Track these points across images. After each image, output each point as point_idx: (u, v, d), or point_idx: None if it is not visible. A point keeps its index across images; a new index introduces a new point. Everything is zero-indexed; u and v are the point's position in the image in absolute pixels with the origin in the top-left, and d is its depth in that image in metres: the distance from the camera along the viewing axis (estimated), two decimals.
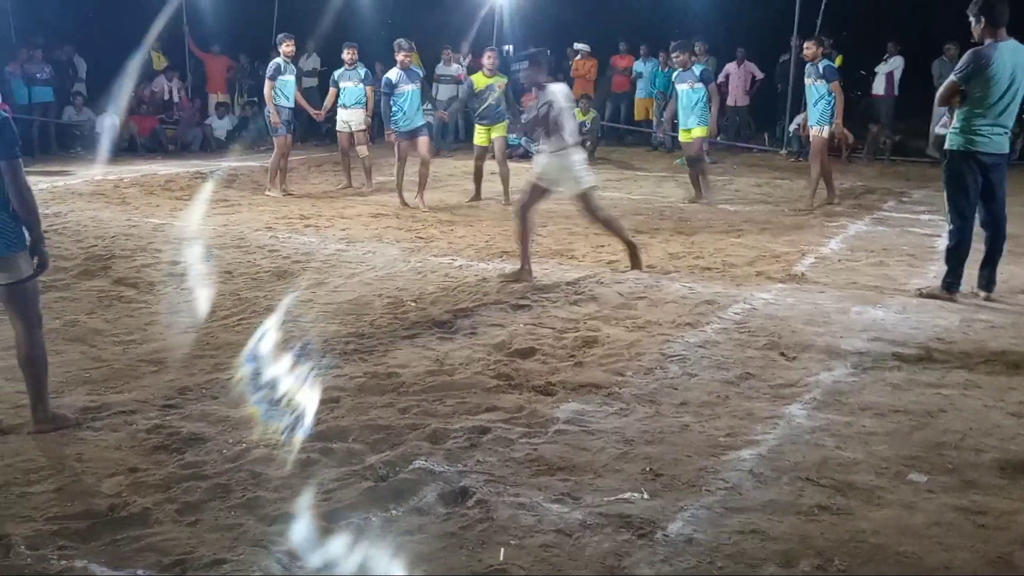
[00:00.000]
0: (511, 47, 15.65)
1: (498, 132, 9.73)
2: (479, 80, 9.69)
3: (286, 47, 9.96)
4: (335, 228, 8.21)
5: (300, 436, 3.57)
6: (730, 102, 14.68)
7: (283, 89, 9.99)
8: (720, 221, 8.66)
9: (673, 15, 15.42)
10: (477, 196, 9.86)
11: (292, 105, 10.18)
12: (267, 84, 9.99)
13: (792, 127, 13.87)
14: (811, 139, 9.55)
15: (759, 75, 14.84)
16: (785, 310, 5.46)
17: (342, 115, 10.63)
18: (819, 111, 9.23)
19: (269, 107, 10.00)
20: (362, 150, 10.62)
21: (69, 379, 4.29)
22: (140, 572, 2.65)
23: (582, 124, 14.39)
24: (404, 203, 9.34)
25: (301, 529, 2.87)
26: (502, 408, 3.90)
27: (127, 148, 14.18)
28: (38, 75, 13.69)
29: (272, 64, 9.99)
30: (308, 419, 3.72)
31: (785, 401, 4.01)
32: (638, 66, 15.47)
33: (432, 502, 3.05)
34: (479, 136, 9.91)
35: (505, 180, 9.69)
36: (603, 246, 7.38)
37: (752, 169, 12.87)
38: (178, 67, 16.15)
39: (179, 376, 4.33)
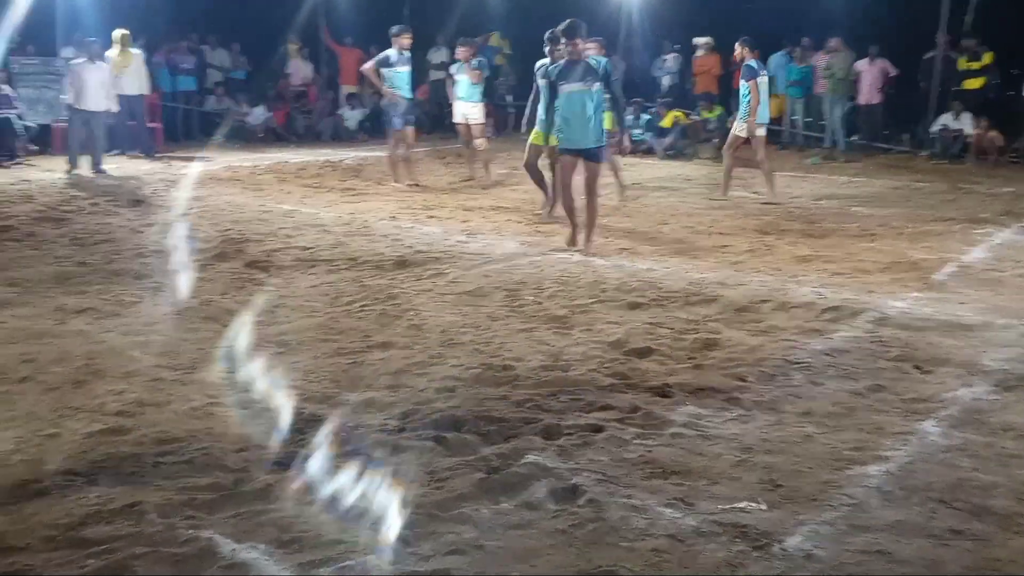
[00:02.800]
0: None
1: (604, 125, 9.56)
2: None
3: (404, 39, 10.05)
4: (456, 220, 8.31)
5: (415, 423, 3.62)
6: (861, 100, 14.03)
7: (396, 80, 10.05)
8: (853, 224, 8.30)
9: (808, 9, 14.82)
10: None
11: (410, 96, 10.30)
12: (368, 66, 10.13)
13: (935, 128, 13.17)
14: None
15: (892, 71, 14.11)
16: (921, 320, 5.17)
17: (459, 108, 10.71)
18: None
19: (382, 91, 10.15)
20: (480, 143, 10.69)
21: (202, 356, 4.49)
22: (260, 546, 2.74)
23: (706, 122, 14.09)
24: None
25: (412, 516, 2.90)
26: (616, 407, 3.85)
27: (262, 136, 14.79)
28: (183, 65, 14.44)
29: (383, 53, 10.08)
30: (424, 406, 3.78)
31: (918, 417, 3.79)
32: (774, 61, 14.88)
33: (543, 498, 3.03)
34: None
35: (615, 171, 9.55)
36: (727, 246, 7.20)
37: (891, 171, 12.27)
38: (313, 59, 16.71)
39: (303, 359, 4.47)
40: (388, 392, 4.01)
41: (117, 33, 11.90)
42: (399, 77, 10.08)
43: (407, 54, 10.15)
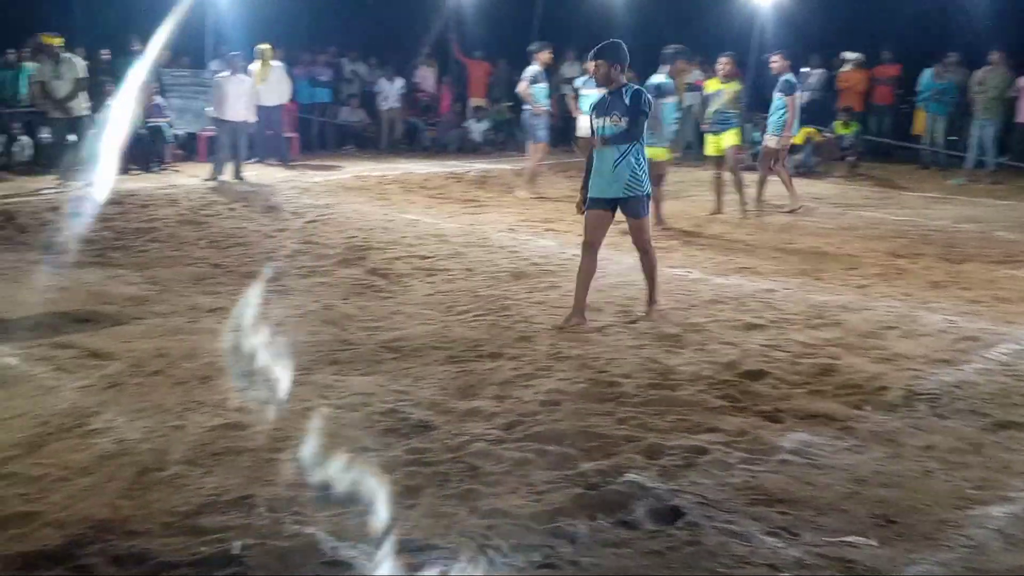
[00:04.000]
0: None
1: (729, 140, 9.39)
2: (710, 85, 9.49)
3: (544, 55, 10.23)
4: (574, 234, 8.29)
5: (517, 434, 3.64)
6: (1021, 119, 13.15)
7: (539, 95, 10.30)
8: (995, 250, 7.82)
9: (960, 22, 14.04)
10: (718, 209, 9.58)
11: (548, 109, 10.48)
12: (522, 84, 10.34)
13: None
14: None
15: None
16: None
17: (585, 122, 10.68)
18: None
19: (532, 108, 10.36)
20: None
21: (320, 358, 4.66)
22: (361, 545, 2.82)
23: (841, 138, 13.59)
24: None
25: (508, 527, 2.92)
26: (724, 430, 3.76)
27: (390, 147, 15.26)
28: (320, 77, 15.04)
29: (531, 70, 10.31)
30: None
31: None
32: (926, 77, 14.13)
33: (640, 517, 3.00)
34: (708, 146, 9.66)
35: (739, 187, 9.36)
36: (855, 268, 6.92)
37: None
38: (442, 71, 17.10)
39: (414, 365, 4.57)
40: (494, 402, 4.06)
41: (260, 47, 12.53)
42: (541, 92, 10.33)
43: (547, 71, 10.35)
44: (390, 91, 15.42)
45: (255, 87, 11.92)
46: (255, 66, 12.36)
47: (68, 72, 10.43)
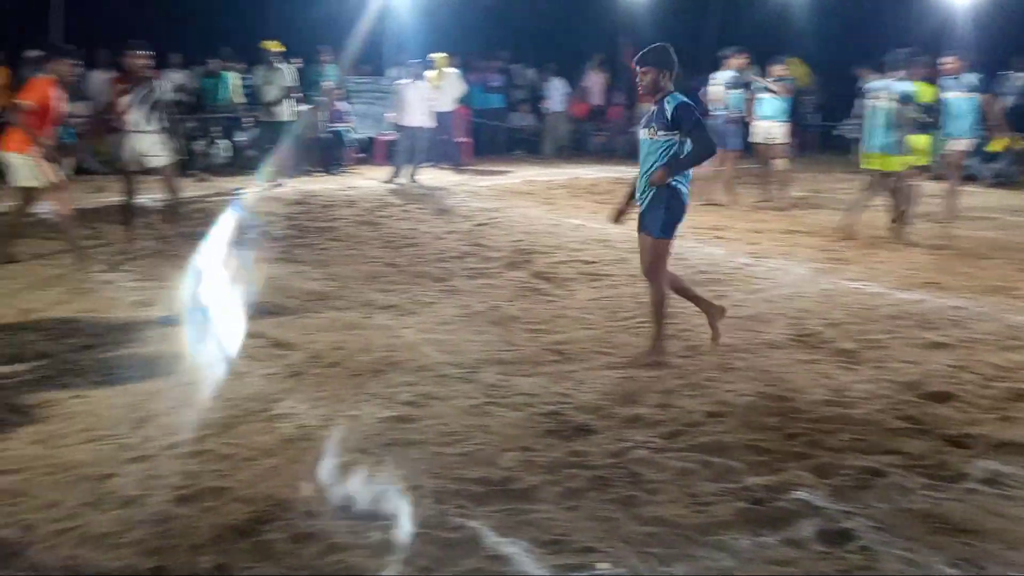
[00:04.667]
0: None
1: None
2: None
3: (739, 60, 10.04)
4: (743, 241, 8.10)
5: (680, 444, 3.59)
6: None
7: (733, 101, 10.08)
8: None
9: None
10: (899, 218, 9.02)
11: (743, 116, 10.25)
12: (715, 89, 10.17)
13: None
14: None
15: None
16: None
17: (761, 127, 10.38)
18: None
19: (726, 114, 10.18)
20: (780, 163, 10.33)
21: (485, 358, 4.77)
22: (521, 543, 2.86)
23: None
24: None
25: (669, 536, 2.88)
26: (904, 452, 3.55)
27: (557, 151, 15.40)
28: (492, 83, 15.39)
29: (725, 75, 10.19)
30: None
31: None
32: None
33: (809, 537, 2.88)
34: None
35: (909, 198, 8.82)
36: None
37: None
38: (612, 76, 17.07)
39: (577, 369, 4.60)
40: (657, 410, 4.01)
41: (435, 56, 12.97)
42: (735, 97, 10.14)
43: (739, 75, 10.13)
44: (556, 95, 15.57)
45: (432, 93, 12.35)
46: (431, 73, 12.80)
47: (278, 79, 11.23)
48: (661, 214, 4.65)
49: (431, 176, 12.09)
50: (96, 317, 5.23)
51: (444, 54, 13.03)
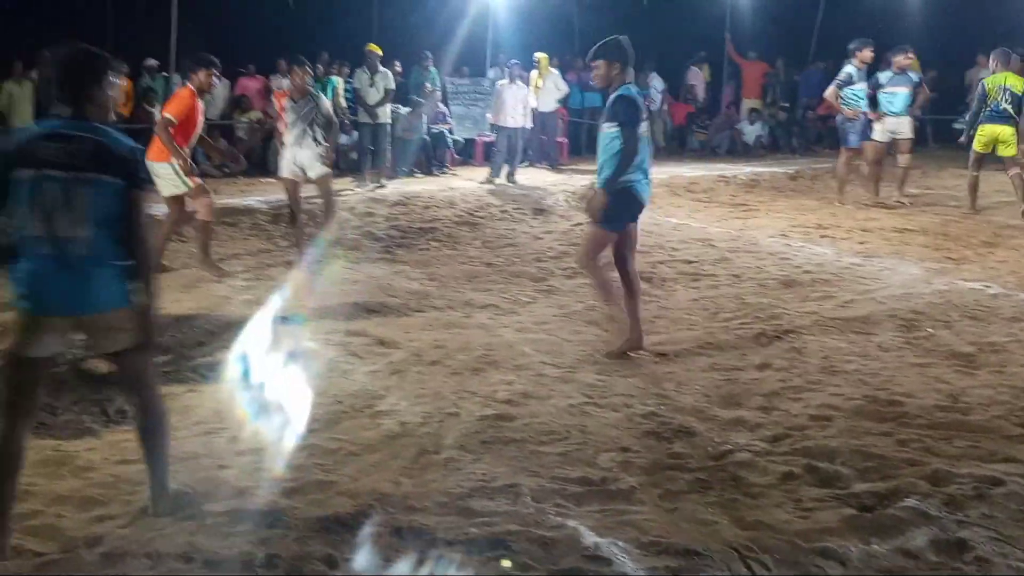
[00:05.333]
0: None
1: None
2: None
3: (866, 53, 9.57)
4: (852, 240, 7.83)
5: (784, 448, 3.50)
6: None
7: (854, 97, 9.57)
8: None
9: None
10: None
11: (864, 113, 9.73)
12: (831, 90, 9.80)
13: None
14: None
15: None
16: None
17: (888, 123, 9.81)
18: None
19: (842, 113, 9.77)
20: (906, 159, 9.85)
21: (583, 358, 4.76)
22: (620, 543, 2.85)
23: None
24: None
25: (773, 541, 2.82)
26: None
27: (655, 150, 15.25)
28: (591, 83, 15.31)
29: (844, 72, 9.70)
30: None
31: None
32: None
33: (922, 546, 2.77)
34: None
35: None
36: None
37: None
38: (715, 72, 16.77)
39: (677, 370, 4.54)
40: (760, 413, 3.93)
41: (538, 56, 13.00)
42: (858, 93, 9.62)
43: (865, 69, 9.67)
44: (654, 93, 15.38)
45: (531, 93, 12.41)
46: (532, 74, 12.86)
47: (381, 82, 11.50)
48: (612, 204, 4.65)
49: (529, 176, 12.13)
50: (210, 315, 5.45)
51: (545, 55, 13.06)
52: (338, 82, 12.39)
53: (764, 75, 16.44)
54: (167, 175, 6.42)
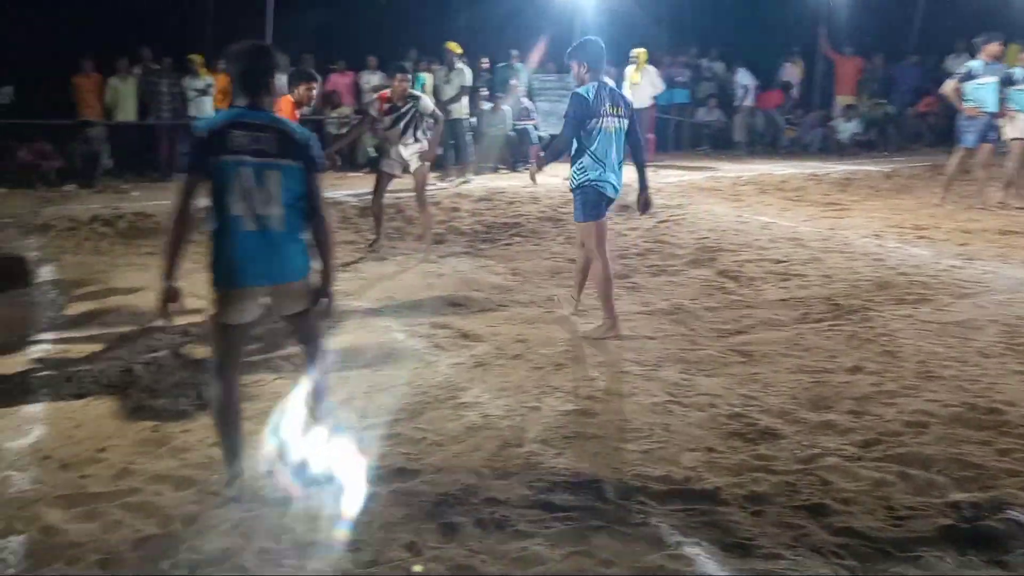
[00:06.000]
0: None
1: None
2: None
3: (993, 48, 9.12)
4: (952, 242, 7.54)
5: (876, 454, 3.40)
6: None
7: (978, 94, 9.09)
8: None
9: None
10: None
11: (993, 111, 9.17)
12: (949, 84, 9.42)
13: None
14: None
15: None
16: None
17: (1020, 121, 9.30)
18: None
19: (960, 110, 9.37)
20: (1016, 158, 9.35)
21: (667, 356, 4.71)
22: (703, 543, 2.81)
23: None
24: None
25: (863, 549, 2.74)
26: None
27: (747, 147, 14.93)
28: (678, 79, 15.12)
29: (965, 66, 9.33)
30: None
31: None
32: None
33: (1021, 560, 2.65)
34: None
35: None
36: None
37: None
38: (808, 68, 16.36)
39: (763, 371, 4.45)
40: (850, 417, 3.82)
41: (635, 51, 12.90)
42: (983, 90, 9.11)
43: (995, 64, 9.16)
44: (745, 89, 15.10)
45: (628, 89, 12.36)
46: (629, 69, 12.79)
47: (457, 79, 11.63)
48: (576, 202, 5.11)
49: None
50: None
51: (643, 50, 12.96)
52: (427, 79, 12.55)
53: (859, 70, 15.95)
54: None
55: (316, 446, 3.30)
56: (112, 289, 6.09)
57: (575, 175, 5.09)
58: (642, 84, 12.86)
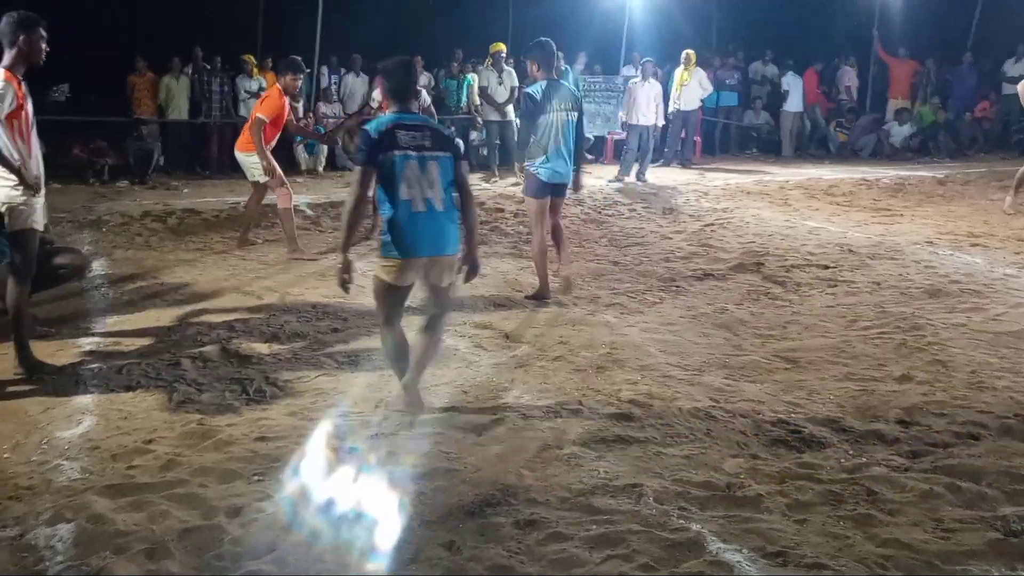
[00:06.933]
0: None
1: None
2: None
3: None
4: (1008, 250, 7.36)
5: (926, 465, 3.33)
6: None
7: None
8: None
9: None
10: None
11: None
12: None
13: None
14: None
15: None
16: None
17: None
18: None
19: None
20: None
21: (711, 361, 4.66)
22: (744, 551, 2.78)
23: None
24: None
25: (909, 560, 2.68)
26: None
27: (795, 151, 14.73)
28: (727, 81, 14.97)
29: None
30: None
31: None
32: None
33: None
34: None
35: None
36: None
37: None
38: (862, 71, 16.08)
39: (809, 378, 4.38)
40: (898, 427, 3.75)
41: (686, 53, 12.81)
42: None
43: None
44: (794, 93, 14.89)
45: (676, 91, 12.31)
46: (678, 71, 12.72)
47: (508, 80, 11.66)
48: (526, 183, 5.98)
49: (659, 175, 11.98)
50: (343, 302, 5.62)
51: (694, 51, 12.87)
52: (473, 79, 12.59)
53: (914, 74, 15.63)
54: (253, 164, 7.08)
55: (359, 440, 3.32)
56: (162, 284, 6.21)
57: (533, 167, 5.81)
58: (691, 85, 12.77)
